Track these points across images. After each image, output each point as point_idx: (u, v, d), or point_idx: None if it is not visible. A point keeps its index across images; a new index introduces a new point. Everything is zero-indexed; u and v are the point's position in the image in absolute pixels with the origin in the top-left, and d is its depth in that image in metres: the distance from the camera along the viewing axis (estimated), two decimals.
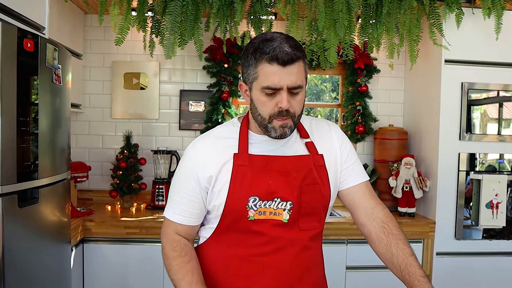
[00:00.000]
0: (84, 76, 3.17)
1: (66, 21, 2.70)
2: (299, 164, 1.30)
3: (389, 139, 3.14)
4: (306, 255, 1.29)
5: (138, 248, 2.65)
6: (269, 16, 2.60)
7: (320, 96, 4.41)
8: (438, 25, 2.59)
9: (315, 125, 1.42)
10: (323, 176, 1.32)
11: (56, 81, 1.90)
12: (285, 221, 1.25)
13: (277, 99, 1.21)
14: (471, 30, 2.73)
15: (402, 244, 1.29)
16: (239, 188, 1.24)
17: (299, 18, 2.57)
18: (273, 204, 1.25)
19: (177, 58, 3.17)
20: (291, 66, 1.18)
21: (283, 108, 1.20)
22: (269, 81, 1.19)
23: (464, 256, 2.81)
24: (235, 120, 1.39)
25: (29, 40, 1.67)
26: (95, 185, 3.20)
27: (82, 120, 3.19)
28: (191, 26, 2.47)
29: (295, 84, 1.20)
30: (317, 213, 1.31)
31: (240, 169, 1.26)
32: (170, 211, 1.34)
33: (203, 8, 2.50)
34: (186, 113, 3.26)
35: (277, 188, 1.25)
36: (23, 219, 1.71)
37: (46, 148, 1.86)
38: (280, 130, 1.24)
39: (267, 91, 1.20)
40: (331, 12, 2.49)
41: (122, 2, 2.44)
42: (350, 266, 2.75)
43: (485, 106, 2.85)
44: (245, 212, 1.23)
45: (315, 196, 1.29)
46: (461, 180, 2.79)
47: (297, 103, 1.24)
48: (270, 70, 1.18)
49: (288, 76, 1.18)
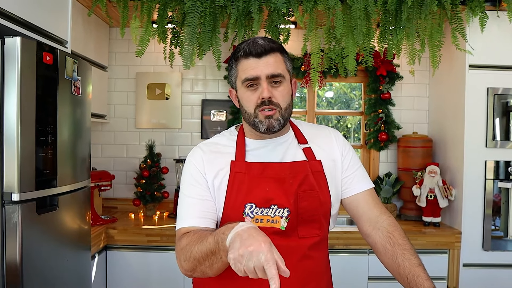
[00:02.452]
0: (110, 88, 3.27)
1: (91, 34, 2.79)
2: (295, 170, 1.28)
3: (413, 147, 3.07)
4: (306, 264, 1.27)
5: (159, 255, 2.69)
6: (287, 25, 2.61)
7: (350, 104, 4.37)
8: (461, 29, 2.53)
9: (314, 131, 1.41)
10: (321, 182, 1.30)
11: (75, 93, 1.97)
12: (283, 229, 1.23)
13: (259, 91, 1.24)
14: (497, 34, 2.65)
15: (409, 254, 1.25)
16: (236, 195, 1.24)
17: (317, 26, 2.57)
18: (270, 211, 1.24)
19: (199, 68, 3.22)
20: (267, 56, 1.23)
21: (264, 97, 1.23)
22: (247, 73, 1.24)
23: (492, 268, 2.70)
24: (232, 129, 1.40)
25: (48, 54, 1.74)
26: (120, 194, 3.28)
27: (108, 130, 3.28)
28: (209, 37, 2.50)
29: (274, 72, 1.23)
30: (317, 220, 1.28)
31: (237, 176, 1.26)
32: (183, 219, 1.26)
33: (221, 19, 2.54)
34: (208, 122, 3.30)
35: (274, 195, 1.24)
36: (42, 225, 1.77)
37: (65, 157, 1.92)
38: (266, 122, 1.25)
39: (248, 83, 1.24)
40: (349, 19, 2.47)
41: (143, 15, 2.50)
42: (372, 277, 2.68)
43: None
44: (241, 219, 1.21)
45: (313, 202, 1.27)
46: (488, 188, 2.69)
47: (280, 93, 1.25)
48: (247, 63, 1.24)
49: (264, 66, 1.23)
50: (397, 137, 3.21)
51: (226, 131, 1.41)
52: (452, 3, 2.47)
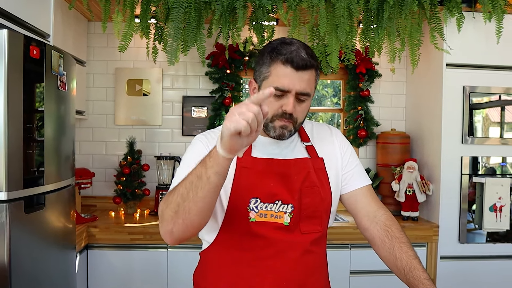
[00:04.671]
0: (88, 83, 3.19)
1: (70, 28, 2.72)
2: (299, 167, 1.31)
3: (392, 143, 3.14)
4: (308, 259, 1.29)
5: (142, 254, 2.66)
6: (271, 22, 2.62)
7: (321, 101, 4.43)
8: (439, 29, 2.61)
9: (316, 129, 1.44)
10: (323, 179, 1.33)
11: (61, 88, 1.92)
12: (286, 224, 1.26)
13: (283, 102, 1.22)
14: (472, 34, 2.75)
15: (406, 247, 1.29)
16: (241, 189, 1.25)
17: (300, 24, 2.59)
18: (274, 206, 1.26)
19: (179, 65, 3.19)
20: (304, 72, 1.20)
21: (287, 111, 1.22)
22: (280, 83, 1.20)
23: (468, 260, 2.80)
24: None
25: (35, 48, 1.68)
26: (99, 192, 3.21)
27: (86, 126, 3.21)
28: (194, 33, 2.49)
29: (304, 91, 1.22)
30: (318, 216, 1.31)
31: (243, 171, 1.27)
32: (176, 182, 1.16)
33: (205, 15, 2.52)
34: (188, 119, 3.27)
35: (278, 190, 1.26)
36: (30, 225, 1.72)
37: (51, 155, 1.87)
38: (279, 131, 1.26)
39: (276, 92, 1.20)
40: (332, 17, 2.51)
41: (126, 9, 2.46)
42: (354, 271, 2.74)
43: (487, 109, 2.85)
44: (246, 213, 1.24)
45: (315, 199, 1.30)
46: (464, 183, 2.79)
47: (302, 110, 1.26)
48: (283, 71, 1.20)
49: (299, 81, 1.20)
50: (376, 134, 3.28)
51: None
52: (431, 3, 2.54)
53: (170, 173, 3.13)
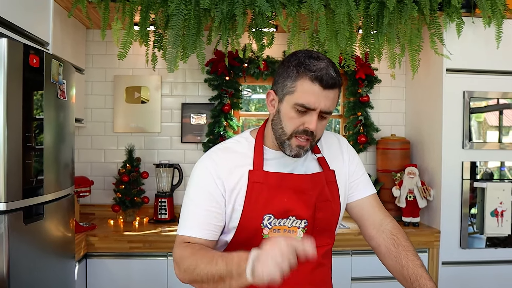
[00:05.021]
0: (86, 91, 3.17)
1: (68, 36, 2.71)
2: (314, 182, 1.29)
3: (392, 149, 3.14)
4: (319, 272, 1.29)
5: (141, 262, 2.63)
6: (270, 29, 2.62)
7: None
8: (439, 34, 2.61)
9: (324, 138, 1.41)
10: (334, 191, 1.32)
11: (61, 97, 1.90)
12: (299, 239, 1.24)
13: (305, 119, 1.18)
14: (472, 39, 2.75)
15: (412, 256, 1.28)
16: (254, 206, 1.22)
17: (300, 30, 2.59)
18: (288, 222, 1.24)
19: (178, 72, 3.18)
20: (331, 91, 1.17)
21: (309, 129, 1.18)
22: (306, 100, 1.16)
23: (469, 265, 2.79)
24: (247, 135, 1.35)
25: (35, 56, 1.67)
26: (98, 200, 3.18)
27: (84, 134, 3.19)
28: (193, 40, 2.48)
29: (328, 110, 1.19)
30: (329, 229, 1.31)
31: (256, 186, 1.23)
32: (184, 227, 1.24)
33: (204, 22, 2.51)
34: (188, 126, 3.25)
35: (293, 206, 1.24)
36: (29, 235, 1.70)
37: (51, 164, 1.85)
38: (295, 150, 1.22)
39: (300, 109, 1.17)
40: (332, 23, 2.51)
41: (125, 17, 2.45)
42: (355, 277, 2.73)
43: (487, 114, 2.85)
44: (259, 230, 1.22)
45: (327, 213, 1.29)
46: (465, 188, 2.78)
47: (321, 127, 1.23)
48: (311, 89, 1.15)
49: (325, 99, 1.16)
50: (375, 140, 3.27)
51: (240, 137, 1.35)
52: (431, 9, 2.54)
53: (170, 180, 3.11)
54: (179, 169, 3.10)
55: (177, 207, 3.18)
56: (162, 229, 2.79)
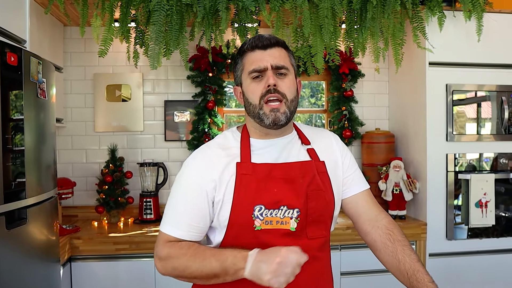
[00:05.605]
0: (65, 90, 3.09)
1: (45, 34, 2.62)
2: (304, 170, 1.28)
3: (377, 143, 3.15)
4: (314, 266, 1.26)
5: (128, 264, 2.57)
6: (254, 24, 2.58)
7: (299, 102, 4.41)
8: (421, 28, 2.62)
9: (315, 133, 1.41)
10: (326, 182, 1.31)
11: (41, 96, 1.84)
12: (293, 230, 1.22)
13: (264, 81, 1.24)
14: (454, 33, 2.77)
15: (409, 250, 1.28)
16: (244, 198, 1.21)
17: (284, 25, 2.56)
18: (279, 212, 1.22)
19: (160, 69, 3.11)
20: (272, 49, 1.26)
21: (270, 84, 1.22)
22: (254, 65, 1.25)
23: (456, 256, 2.82)
24: (234, 129, 1.37)
25: (12, 54, 1.60)
26: (80, 201, 3.11)
27: (65, 134, 3.10)
28: (176, 36, 2.43)
29: (279, 64, 1.24)
30: (324, 221, 1.29)
31: (244, 178, 1.23)
32: (170, 225, 1.25)
33: (187, 17, 2.47)
34: (171, 123, 3.20)
35: (283, 196, 1.23)
36: (12, 240, 1.63)
37: (32, 166, 1.78)
38: (272, 115, 1.23)
39: (254, 75, 1.25)
40: (316, 18, 2.49)
41: (104, 13, 2.38)
42: (344, 272, 2.72)
43: (469, 106, 2.88)
44: (251, 221, 1.20)
45: (320, 202, 1.27)
46: (450, 180, 2.81)
47: (286, 85, 1.26)
48: (253, 55, 1.26)
49: (270, 57, 1.24)
50: (360, 134, 3.27)
51: (227, 132, 1.37)
52: (413, 3, 2.55)
53: (154, 179, 3.06)
54: (163, 168, 3.05)
55: (162, 207, 3.12)
56: (148, 230, 2.74)
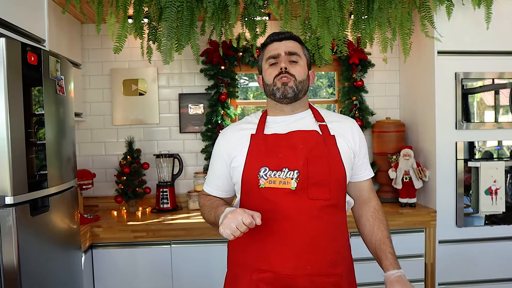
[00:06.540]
0: (84, 85, 3.22)
1: (64, 32, 2.74)
2: (305, 138, 1.45)
3: (387, 132, 3.19)
4: (315, 224, 1.40)
5: (145, 251, 2.70)
6: (263, 17, 2.65)
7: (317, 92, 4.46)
8: (429, 17, 2.64)
9: (334, 116, 1.59)
10: (334, 152, 1.45)
11: (59, 92, 1.95)
12: (293, 189, 1.38)
13: (278, 66, 1.48)
14: (462, 21, 2.78)
15: (383, 228, 1.52)
16: (252, 161, 1.44)
17: (292, 18, 2.62)
18: (282, 174, 1.40)
19: (174, 63, 3.22)
20: (287, 41, 1.51)
21: (282, 67, 1.46)
22: (270, 52, 1.51)
23: (466, 243, 2.86)
24: (259, 112, 1.63)
25: (32, 54, 1.71)
26: (100, 192, 3.25)
27: (84, 128, 3.24)
28: (187, 31, 2.51)
29: (292, 50, 1.49)
30: (327, 185, 1.42)
31: (255, 146, 1.46)
32: (205, 183, 1.64)
33: (198, 13, 2.55)
34: (185, 116, 3.31)
35: (285, 158, 1.42)
36: (36, 227, 1.76)
37: (53, 158, 1.90)
38: (282, 88, 1.47)
39: (270, 61, 1.50)
40: (323, 10, 2.53)
41: (119, 10, 2.48)
42: None
43: (481, 94, 2.89)
44: (256, 180, 1.41)
45: (322, 167, 1.42)
46: (460, 168, 2.84)
47: (296, 69, 1.49)
48: (271, 46, 1.52)
49: (284, 47, 1.49)
50: (371, 123, 3.32)
51: (253, 113, 1.63)
52: None
53: (170, 170, 3.17)
54: (179, 159, 3.16)
55: (178, 196, 3.24)
56: (164, 218, 2.86)
